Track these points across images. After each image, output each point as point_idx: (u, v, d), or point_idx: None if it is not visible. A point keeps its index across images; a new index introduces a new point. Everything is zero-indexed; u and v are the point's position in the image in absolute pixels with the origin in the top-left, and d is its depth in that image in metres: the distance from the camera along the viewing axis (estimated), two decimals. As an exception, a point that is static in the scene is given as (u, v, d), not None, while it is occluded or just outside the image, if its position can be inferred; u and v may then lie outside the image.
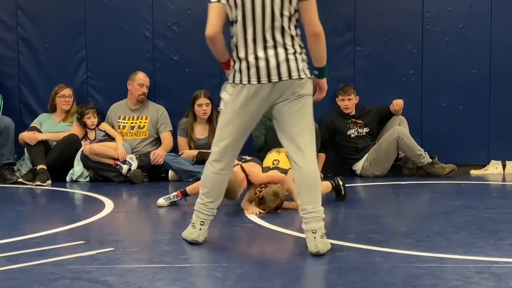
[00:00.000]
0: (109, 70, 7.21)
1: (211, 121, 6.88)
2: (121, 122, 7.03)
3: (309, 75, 3.46)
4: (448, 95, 7.17)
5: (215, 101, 6.94)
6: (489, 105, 7.16)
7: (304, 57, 3.49)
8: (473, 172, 7.02)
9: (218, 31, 3.46)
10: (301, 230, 3.89)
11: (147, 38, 7.26)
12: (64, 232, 4.11)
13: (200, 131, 6.93)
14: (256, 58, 3.40)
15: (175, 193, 5.09)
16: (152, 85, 7.22)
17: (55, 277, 2.96)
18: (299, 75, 3.41)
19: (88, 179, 6.63)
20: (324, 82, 3.59)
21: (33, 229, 4.17)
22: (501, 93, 7.17)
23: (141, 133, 7.03)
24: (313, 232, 3.37)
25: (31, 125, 6.94)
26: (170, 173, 6.63)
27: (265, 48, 3.40)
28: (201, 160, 6.64)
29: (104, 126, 6.92)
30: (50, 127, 6.95)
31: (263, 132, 6.78)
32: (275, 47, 3.41)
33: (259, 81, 3.40)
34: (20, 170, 6.82)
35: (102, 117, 7.03)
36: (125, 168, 6.48)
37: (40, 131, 6.83)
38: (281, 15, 3.40)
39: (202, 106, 6.82)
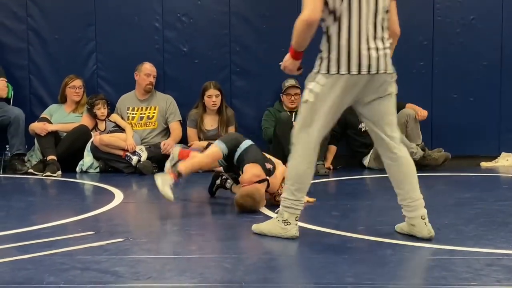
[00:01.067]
0: (119, 61, 7.22)
1: (221, 112, 6.88)
2: (130, 113, 7.04)
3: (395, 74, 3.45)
4: (459, 87, 7.13)
5: (225, 92, 6.96)
6: (500, 97, 7.12)
7: None
8: (484, 164, 6.99)
9: (319, 17, 3.26)
10: (311, 221, 3.90)
11: (157, 29, 7.25)
12: (74, 223, 4.12)
13: (210, 122, 6.93)
14: (359, 48, 3.27)
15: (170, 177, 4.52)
16: (162, 76, 7.23)
17: (65, 268, 2.97)
18: (392, 70, 3.40)
19: (98, 170, 6.64)
20: None
21: (43, 220, 4.19)
22: (512, 84, 7.14)
23: (150, 123, 7.04)
24: (422, 218, 3.46)
25: (41, 116, 6.96)
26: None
27: (367, 39, 3.29)
28: (210, 151, 6.64)
29: (114, 117, 6.93)
30: (60, 118, 6.96)
31: (272, 124, 6.78)
32: (375, 38, 3.31)
33: (359, 71, 3.27)
34: (30, 160, 6.85)
35: (112, 108, 7.05)
36: (134, 159, 6.50)
37: (50, 122, 6.85)
38: (384, 9, 3.37)
39: (212, 97, 6.82)
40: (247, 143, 4.77)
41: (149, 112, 7.06)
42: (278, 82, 7.04)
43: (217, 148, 4.75)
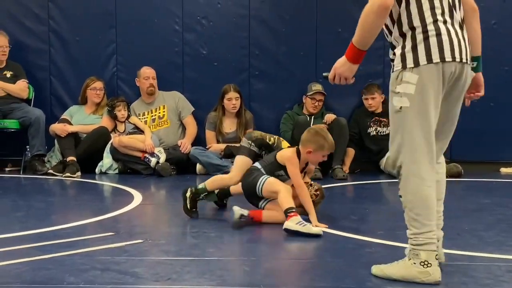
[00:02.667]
0: (139, 63, 7.25)
1: (240, 115, 6.89)
2: (142, 119, 7.08)
3: None
4: (479, 92, 7.08)
5: (244, 95, 6.97)
6: (521, 103, 7.06)
7: None
8: (503, 170, 6.94)
9: (393, 2, 2.70)
10: (330, 225, 3.89)
11: (177, 31, 7.29)
12: (94, 224, 4.15)
13: (229, 125, 6.94)
14: (448, 30, 2.74)
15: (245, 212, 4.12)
16: (181, 78, 7.27)
17: (85, 268, 2.99)
18: (472, 61, 2.89)
19: (117, 171, 6.68)
20: (481, 76, 3.06)
21: (63, 220, 4.23)
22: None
23: (162, 122, 7.09)
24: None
25: (61, 117, 7.02)
26: (198, 166, 6.66)
27: (452, 22, 2.77)
28: (228, 154, 6.66)
29: (134, 119, 6.97)
30: (81, 119, 7.01)
31: (290, 127, 6.78)
32: (460, 25, 2.82)
33: (453, 58, 2.72)
34: (50, 161, 6.90)
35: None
36: (153, 161, 6.52)
37: (70, 123, 6.90)
38: None
39: (232, 100, 6.83)
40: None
41: (159, 112, 7.11)
42: (297, 85, 7.05)
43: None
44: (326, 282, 2.92)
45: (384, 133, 6.85)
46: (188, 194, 4.37)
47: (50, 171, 6.60)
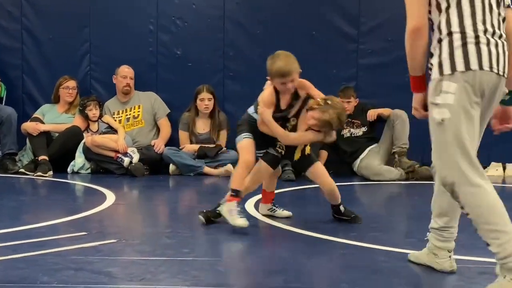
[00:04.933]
0: (113, 63, 7.21)
1: (213, 116, 6.89)
2: (116, 118, 7.05)
3: None
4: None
5: (218, 96, 6.97)
6: (491, 107, 7.18)
7: None
8: (474, 173, 7.02)
9: (426, 23, 2.70)
10: (304, 227, 3.91)
11: (151, 31, 7.27)
12: (66, 223, 4.11)
13: (202, 126, 6.93)
14: (488, 40, 2.63)
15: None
16: (155, 78, 7.25)
17: (59, 268, 2.96)
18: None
19: (89, 171, 6.64)
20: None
21: (34, 220, 4.18)
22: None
23: (137, 122, 7.06)
24: (449, 251, 3.07)
25: (33, 116, 6.95)
26: (171, 167, 6.64)
27: (493, 32, 2.66)
28: (202, 154, 6.66)
29: (107, 118, 6.93)
30: (53, 118, 6.95)
31: (265, 129, 6.79)
32: (500, 35, 2.70)
33: (491, 68, 2.62)
34: (21, 160, 6.83)
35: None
36: (126, 160, 6.49)
37: (42, 122, 6.83)
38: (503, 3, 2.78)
39: (204, 100, 6.83)
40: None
41: (134, 112, 7.08)
42: (271, 87, 7.05)
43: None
44: (300, 283, 2.93)
45: (357, 135, 6.91)
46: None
47: (22, 170, 6.53)
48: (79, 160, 6.62)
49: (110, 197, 5.13)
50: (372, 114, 6.86)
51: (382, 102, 7.02)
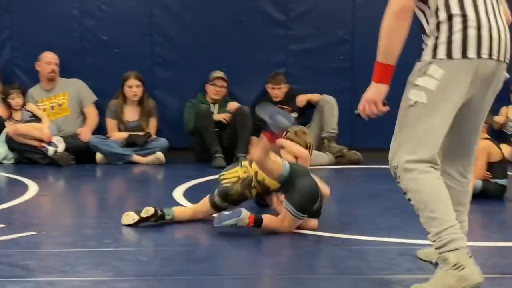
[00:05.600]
0: (36, 49, 6.96)
1: (142, 103, 6.78)
2: (40, 106, 6.84)
3: None
4: (378, 81, 7.26)
5: (147, 83, 6.86)
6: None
7: None
8: (401, 157, 7.14)
9: (413, 5, 2.47)
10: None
11: (75, 16, 7.06)
12: (-15, 216, 3.98)
13: (130, 113, 6.81)
14: (489, 23, 2.44)
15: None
16: (81, 65, 7.06)
17: (-28, 262, 2.86)
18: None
19: (12, 161, 6.43)
20: None
21: (-49, 213, 4.03)
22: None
23: (62, 110, 6.88)
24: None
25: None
26: (98, 155, 6.50)
27: (494, 13, 2.48)
28: (130, 143, 6.55)
29: (31, 106, 6.72)
30: (-27, 108, 6.70)
31: (193, 116, 6.73)
32: (501, 17, 2.51)
33: (490, 55, 2.43)
34: None
35: (28, 98, 6.84)
36: (51, 150, 6.32)
37: (-37, 112, 6.58)
38: None
39: (133, 87, 6.70)
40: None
41: (59, 100, 6.90)
42: (201, 74, 6.99)
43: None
44: (224, 270, 2.92)
45: None
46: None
47: None
48: (2, 150, 6.40)
49: (34, 187, 4.98)
50: (301, 99, 6.89)
51: (311, 88, 7.05)
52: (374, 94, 2.53)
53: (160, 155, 6.44)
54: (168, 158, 6.47)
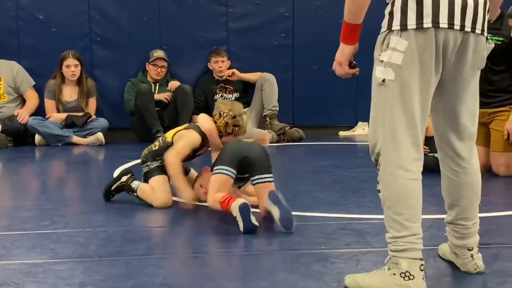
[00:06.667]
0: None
1: (81, 83, 6.65)
2: (-28, 91, 6.62)
3: None
4: (319, 58, 7.28)
5: (85, 62, 6.72)
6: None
7: None
8: (342, 133, 7.24)
9: None
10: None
11: (10, -5, 6.85)
12: None
13: (69, 93, 6.67)
14: None
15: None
16: (16, 45, 6.86)
17: None
18: (486, 33, 2.29)
19: None
20: None
21: None
22: (367, 56, 7.37)
23: None
24: (469, 249, 2.49)
25: None
26: (37, 137, 6.36)
27: None
28: (70, 123, 6.43)
29: (-36, 90, 6.51)
30: None
31: (134, 95, 6.65)
32: None
33: (450, 25, 2.16)
34: None
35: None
36: (-13, 132, 6.14)
37: None
38: None
39: (71, 67, 6.56)
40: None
41: None
42: (141, 52, 6.89)
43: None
44: (162, 249, 2.90)
45: (230, 99, 6.91)
46: (124, 179, 3.73)
47: None
48: None
49: (-32, 171, 4.85)
50: (228, 71, 6.86)
51: (252, 65, 7.04)
52: (339, 55, 2.36)
53: (100, 135, 6.36)
54: (108, 138, 6.39)
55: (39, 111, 6.69)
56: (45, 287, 2.36)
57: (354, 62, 2.37)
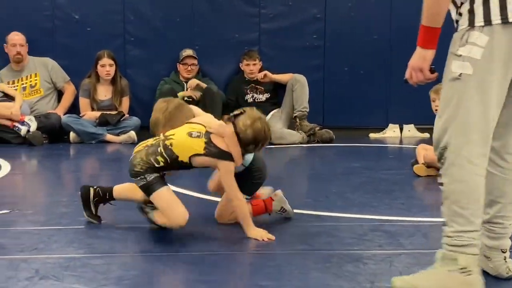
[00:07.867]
0: (7, 28, 6.87)
1: (115, 82, 6.75)
2: (11, 87, 6.76)
3: None
4: (350, 60, 7.30)
5: (119, 62, 6.82)
6: (390, 70, 7.29)
7: None
8: (372, 135, 7.24)
9: None
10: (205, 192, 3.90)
11: (46, -5, 6.98)
12: (-43, 195, 3.95)
13: (103, 92, 6.78)
14: None
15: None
16: (52, 44, 6.99)
17: None
18: None
19: (-16, 141, 6.38)
20: None
21: None
22: (400, 58, 7.32)
23: (35, 91, 6.82)
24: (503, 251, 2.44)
25: None
26: (72, 135, 6.47)
27: None
28: (103, 122, 6.53)
29: (1, 86, 6.65)
30: None
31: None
32: None
33: None
34: None
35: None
36: (23, 129, 6.27)
37: None
38: None
39: (105, 66, 6.66)
40: None
41: (30, 81, 6.83)
42: (173, 51, 6.98)
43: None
44: (201, 246, 2.95)
45: (260, 100, 6.95)
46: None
47: None
48: (-27, 130, 6.34)
49: (6, 167, 4.96)
50: (260, 74, 6.88)
51: (283, 66, 7.07)
52: (419, 60, 2.27)
53: (132, 134, 6.45)
54: (140, 137, 6.46)
55: (74, 109, 6.81)
56: (83, 281, 2.42)
57: (433, 66, 2.29)
